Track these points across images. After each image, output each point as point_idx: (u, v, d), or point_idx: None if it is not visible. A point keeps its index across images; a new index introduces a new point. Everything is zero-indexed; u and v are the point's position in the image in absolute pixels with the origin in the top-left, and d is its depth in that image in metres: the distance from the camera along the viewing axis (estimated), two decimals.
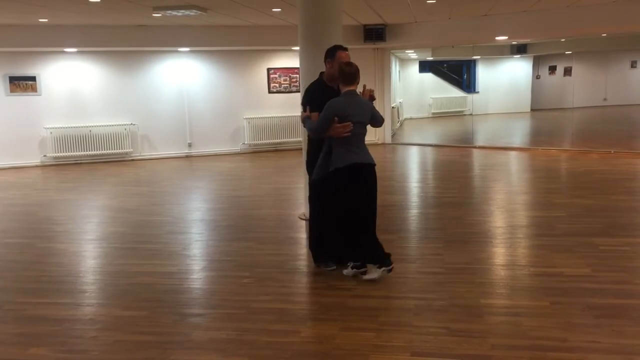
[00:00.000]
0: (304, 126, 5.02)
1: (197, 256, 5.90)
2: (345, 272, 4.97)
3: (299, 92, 7.31)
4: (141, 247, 6.23)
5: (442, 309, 4.25)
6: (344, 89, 4.78)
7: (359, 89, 4.97)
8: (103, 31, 11.47)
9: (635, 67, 23.85)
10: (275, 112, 13.94)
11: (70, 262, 5.82)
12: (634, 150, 12.05)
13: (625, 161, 10.82)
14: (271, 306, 4.41)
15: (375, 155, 5.06)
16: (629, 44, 20.40)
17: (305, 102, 5.12)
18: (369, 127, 4.96)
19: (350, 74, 4.75)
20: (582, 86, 23.43)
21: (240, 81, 13.83)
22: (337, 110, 4.67)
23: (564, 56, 23.13)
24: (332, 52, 5.07)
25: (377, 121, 4.99)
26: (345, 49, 5.08)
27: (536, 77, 23.95)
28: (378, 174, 4.96)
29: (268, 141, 13.97)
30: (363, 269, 4.90)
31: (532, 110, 23.21)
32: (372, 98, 5.04)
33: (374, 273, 4.81)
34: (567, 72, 23.79)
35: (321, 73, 5.24)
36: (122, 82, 13.00)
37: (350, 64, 4.82)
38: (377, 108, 5.17)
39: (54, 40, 11.44)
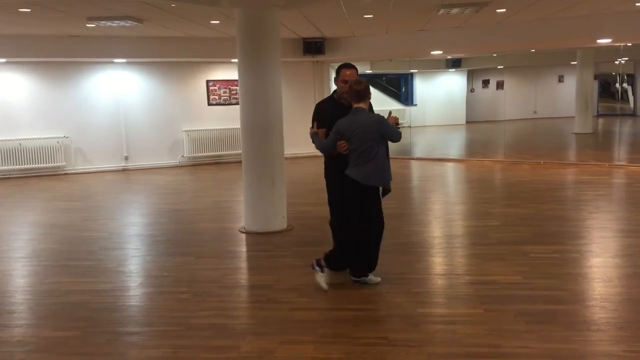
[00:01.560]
0: (313, 142, 5.07)
1: (133, 272, 5.75)
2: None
3: (239, 104, 7.29)
4: (73, 264, 6.01)
5: (380, 320, 4.30)
6: (354, 106, 4.86)
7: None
8: (34, 41, 11.08)
9: (563, 81, 25.01)
10: (215, 125, 13.81)
11: None
12: (562, 161, 12.61)
13: (554, 171, 11.29)
14: (210, 322, 4.34)
15: (315, 169, 5.09)
16: (557, 60, 21.43)
17: (313, 117, 5.20)
18: None
19: (356, 91, 4.83)
20: (514, 99, 24.34)
21: (179, 93, 13.64)
22: (338, 129, 4.83)
23: (496, 70, 24.00)
24: (338, 70, 5.17)
25: (389, 137, 4.92)
26: (351, 67, 5.15)
27: (470, 90, 24.74)
28: (317, 187, 5.00)
29: (208, 154, 13.82)
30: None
31: (467, 122, 23.93)
32: (396, 125, 5.06)
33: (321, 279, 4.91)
34: (500, 85, 24.67)
35: (334, 90, 5.30)
36: (55, 94, 12.58)
37: (359, 82, 4.91)
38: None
39: None
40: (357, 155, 4.79)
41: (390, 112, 5.16)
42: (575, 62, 18.72)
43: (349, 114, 4.87)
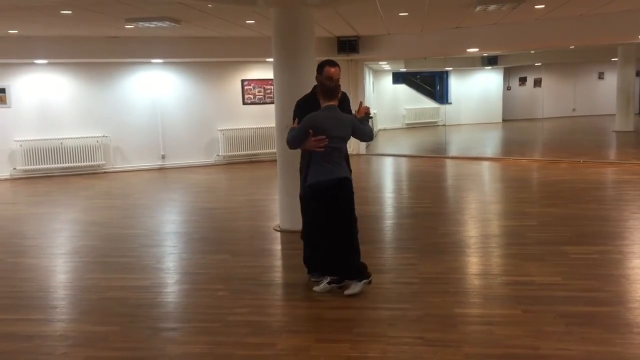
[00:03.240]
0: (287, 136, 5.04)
1: (170, 269, 5.84)
2: (316, 288, 4.88)
3: (273, 103, 7.32)
4: (113, 261, 6.14)
5: (417, 319, 4.27)
6: (324, 104, 4.77)
7: (354, 107, 5.05)
8: (74, 42, 11.33)
9: (603, 78, 24.43)
10: (250, 124, 13.91)
11: (40, 277, 5.71)
12: (602, 160, 12.31)
13: (593, 170, 11.04)
14: (246, 319, 4.38)
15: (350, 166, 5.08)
16: (597, 56, 20.92)
17: (294, 115, 5.14)
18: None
19: (329, 88, 4.75)
20: (552, 97, 23.91)
21: (214, 93, 13.79)
22: (312, 123, 4.68)
23: (533, 68, 23.59)
24: (321, 67, 5.07)
25: (364, 135, 4.92)
26: (334, 65, 5.06)
27: (507, 88, 24.35)
28: (353, 185, 4.98)
29: (243, 153, 13.93)
30: (341, 284, 4.84)
31: (504, 120, 23.57)
32: (368, 115, 5.01)
33: (355, 287, 4.75)
34: (537, 83, 24.25)
35: (314, 86, 5.24)
36: (94, 94, 12.85)
37: (331, 78, 4.85)
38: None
39: (24, 51, 11.28)
40: (338, 154, 4.73)
41: (361, 103, 5.10)
42: (616, 59, 18.26)
43: (322, 111, 4.75)
